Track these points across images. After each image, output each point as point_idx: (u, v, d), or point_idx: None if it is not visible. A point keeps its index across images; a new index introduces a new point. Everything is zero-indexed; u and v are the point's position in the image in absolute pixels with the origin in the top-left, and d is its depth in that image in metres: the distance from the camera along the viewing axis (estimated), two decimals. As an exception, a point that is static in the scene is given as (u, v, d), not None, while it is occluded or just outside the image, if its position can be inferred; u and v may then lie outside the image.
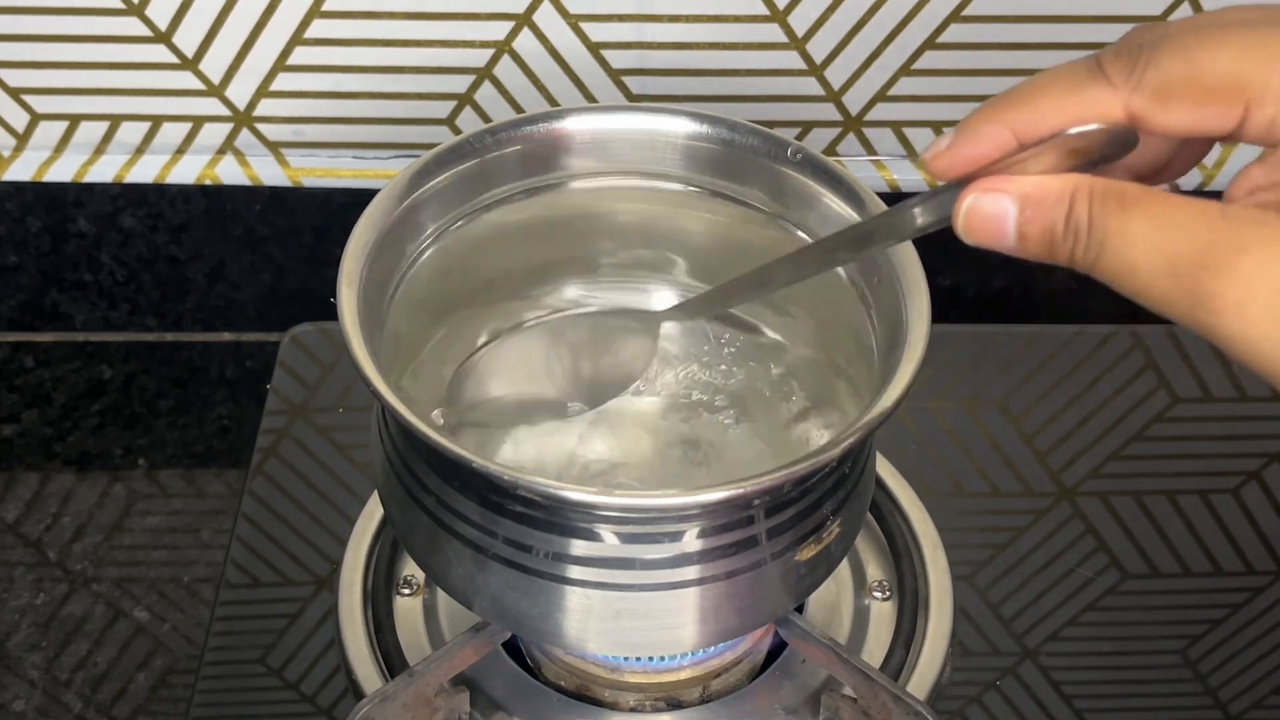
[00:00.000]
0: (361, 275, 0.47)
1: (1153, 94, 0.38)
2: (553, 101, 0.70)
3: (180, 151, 0.71)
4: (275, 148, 0.71)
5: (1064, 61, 0.40)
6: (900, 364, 0.45)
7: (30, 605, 0.61)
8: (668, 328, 0.56)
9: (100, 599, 0.62)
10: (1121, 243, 0.37)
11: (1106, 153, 0.39)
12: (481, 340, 0.57)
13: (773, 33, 0.68)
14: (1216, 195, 0.39)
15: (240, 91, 0.69)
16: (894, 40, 0.68)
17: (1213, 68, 0.38)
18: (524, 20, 0.67)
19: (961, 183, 0.40)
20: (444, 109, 0.70)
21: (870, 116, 0.71)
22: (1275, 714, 0.57)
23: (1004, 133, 0.40)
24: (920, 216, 0.42)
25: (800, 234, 0.52)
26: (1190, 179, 0.69)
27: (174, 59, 0.68)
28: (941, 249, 0.43)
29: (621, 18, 0.67)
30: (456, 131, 0.71)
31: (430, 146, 0.52)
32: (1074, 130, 0.39)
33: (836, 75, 0.69)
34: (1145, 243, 0.37)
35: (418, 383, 0.55)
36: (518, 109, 0.70)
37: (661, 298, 0.58)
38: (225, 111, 0.70)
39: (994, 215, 0.39)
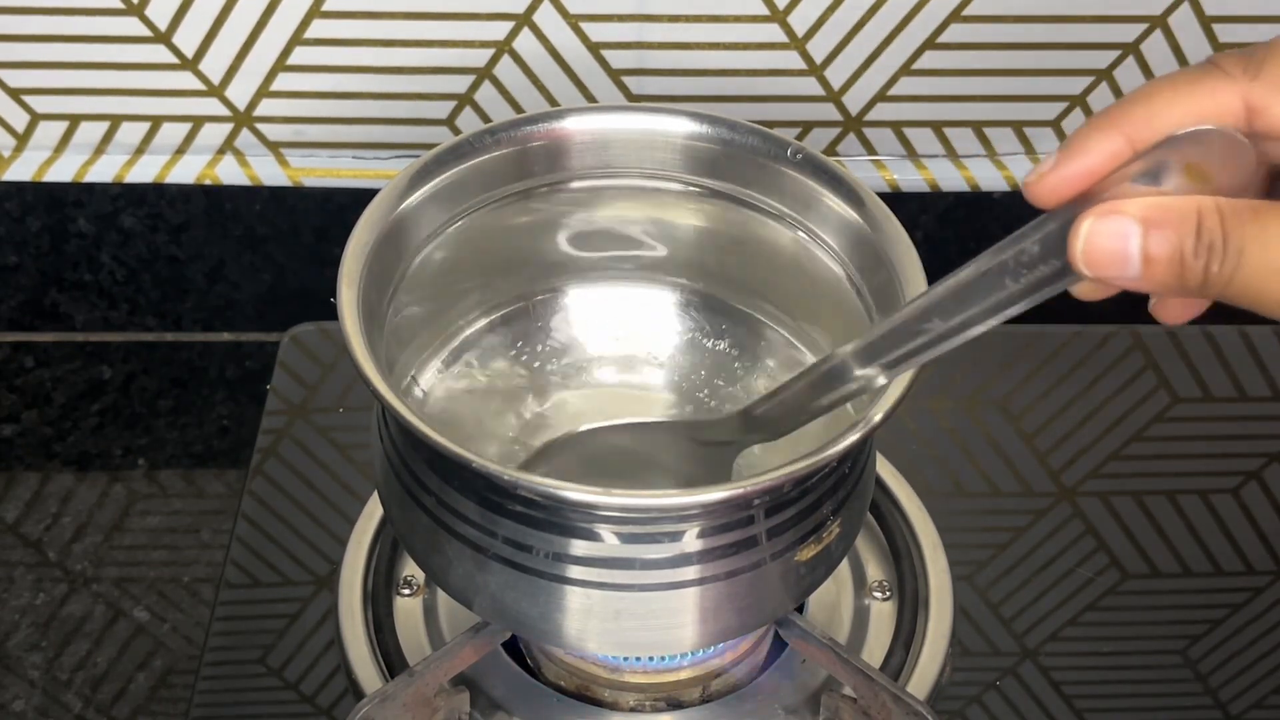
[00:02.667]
0: (361, 275, 0.47)
1: (1272, 84, 0.37)
2: (553, 101, 0.70)
3: (180, 151, 0.71)
4: (275, 148, 0.71)
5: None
6: (900, 364, 0.45)
7: (30, 605, 0.61)
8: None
9: (100, 599, 0.62)
10: (1261, 250, 0.35)
11: (1224, 164, 0.37)
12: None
13: (773, 33, 0.68)
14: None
15: (240, 91, 0.69)
16: (894, 40, 0.68)
17: None
18: (524, 20, 0.67)
19: (1060, 219, 0.37)
20: (444, 109, 0.70)
21: (870, 116, 0.71)
22: (1275, 714, 0.57)
23: (1117, 139, 0.37)
24: (1031, 265, 0.38)
25: (800, 234, 0.52)
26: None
27: (174, 59, 0.68)
28: (942, 249, 0.43)
29: (621, 18, 0.67)
30: (456, 131, 0.71)
31: (430, 146, 0.52)
32: (1187, 130, 0.37)
33: (836, 75, 0.69)
34: None
35: (418, 383, 0.55)
36: (518, 109, 0.70)
37: (661, 297, 0.58)
38: (225, 111, 0.70)
39: (1117, 238, 0.36)
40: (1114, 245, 0.36)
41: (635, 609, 0.46)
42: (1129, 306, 0.41)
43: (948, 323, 0.41)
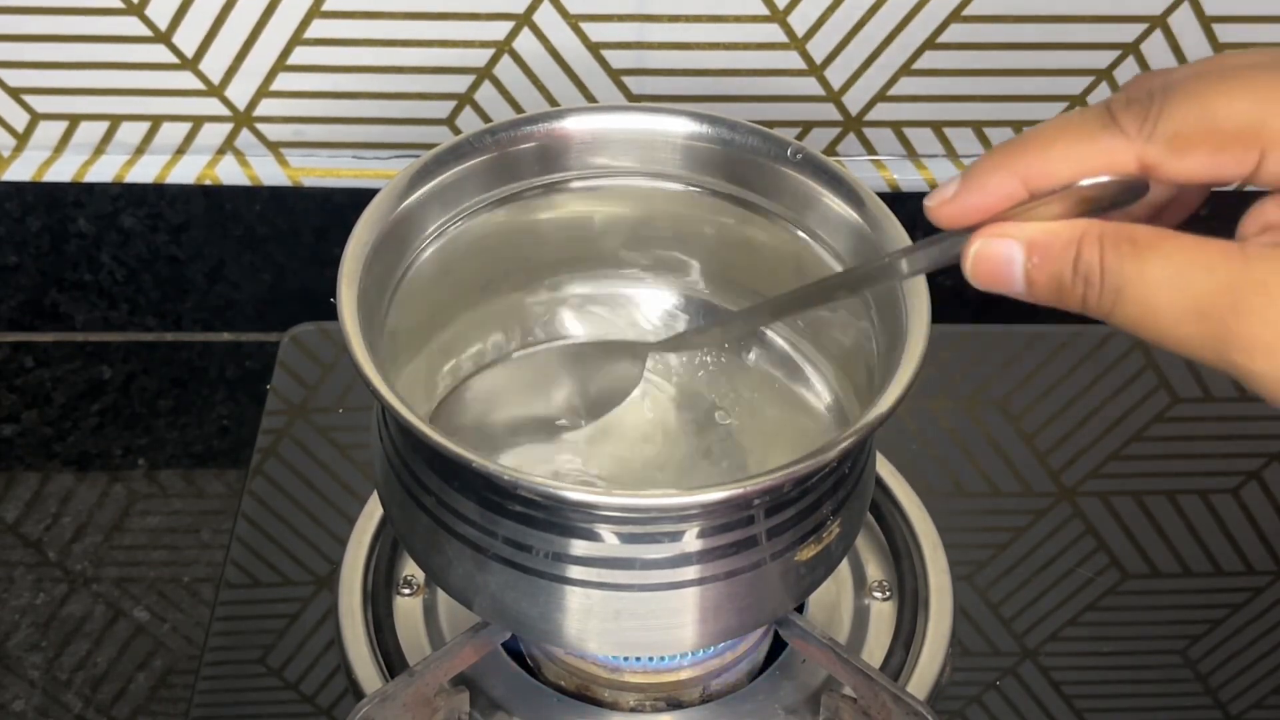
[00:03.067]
0: (361, 275, 0.47)
1: (1167, 144, 0.38)
2: (553, 101, 0.70)
3: (180, 151, 0.71)
4: (275, 148, 0.71)
5: (1070, 112, 0.40)
6: (900, 364, 0.45)
7: (30, 605, 0.61)
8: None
9: (100, 599, 0.62)
10: (1140, 288, 0.37)
11: (1118, 200, 0.39)
12: (476, 346, 0.57)
13: (773, 33, 0.68)
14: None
15: (240, 91, 0.69)
16: (894, 40, 0.68)
17: (1228, 114, 0.37)
18: (524, 20, 0.67)
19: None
20: (444, 109, 0.70)
21: (870, 116, 0.71)
22: (1275, 714, 0.57)
23: (1013, 182, 0.39)
24: (923, 260, 0.42)
25: (800, 234, 0.52)
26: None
27: (174, 59, 0.68)
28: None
29: (621, 18, 0.67)
30: (456, 131, 0.71)
31: (430, 146, 0.52)
32: (1086, 182, 0.38)
33: (836, 75, 0.69)
34: (1167, 287, 0.37)
35: (418, 383, 0.55)
36: (518, 109, 0.70)
37: (660, 297, 0.58)
38: (225, 111, 0.70)
39: (1001, 261, 0.39)
40: (999, 266, 0.39)
41: (635, 609, 0.46)
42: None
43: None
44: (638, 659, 0.53)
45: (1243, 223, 0.39)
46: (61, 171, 0.71)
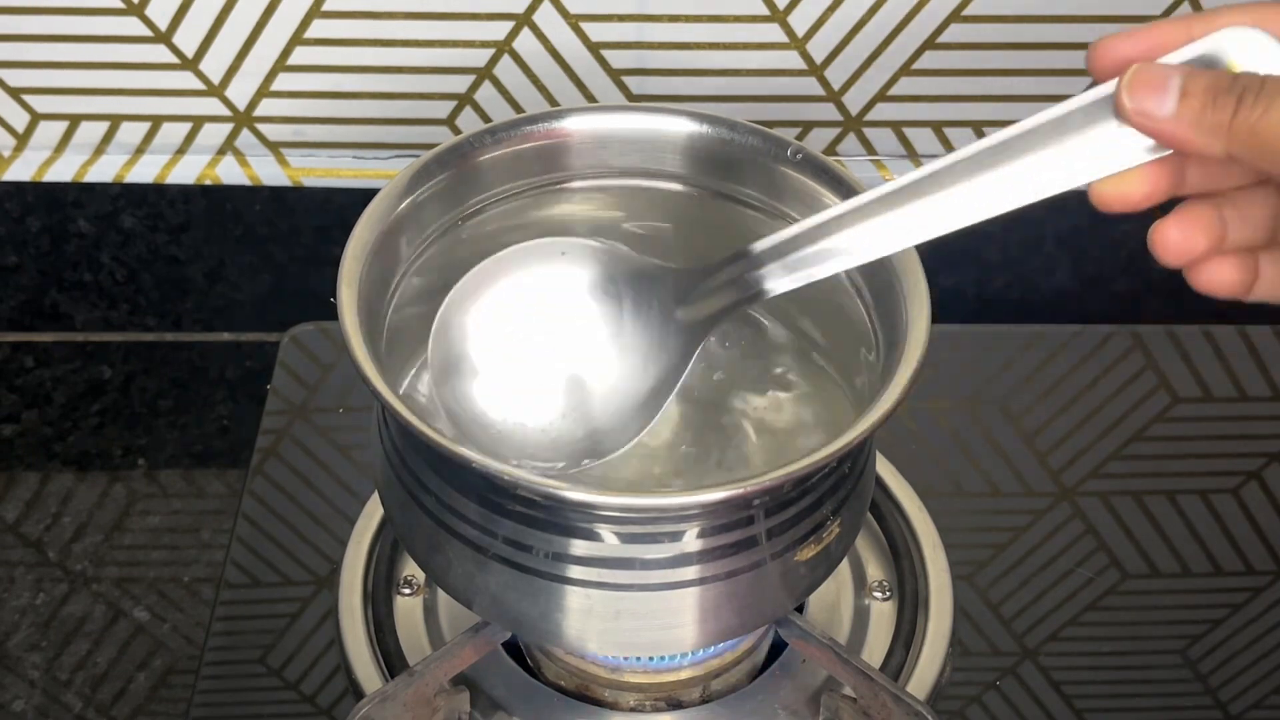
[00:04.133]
0: (361, 275, 0.47)
1: None
2: (553, 101, 0.70)
3: (180, 151, 0.71)
4: (275, 148, 0.71)
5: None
6: (900, 364, 0.45)
7: (30, 605, 0.61)
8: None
9: (100, 599, 0.62)
10: None
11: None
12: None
13: (773, 33, 0.68)
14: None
15: (240, 91, 0.69)
16: (894, 40, 0.68)
17: None
18: (524, 20, 0.67)
19: None
20: (444, 109, 0.70)
21: (870, 116, 0.71)
22: (1275, 714, 0.57)
23: (1181, 32, 0.41)
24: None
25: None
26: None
27: (174, 59, 0.68)
28: (942, 249, 0.43)
29: (621, 18, 0.67)
30: (456, 131, 0.71)
31: (430, 146, 0.52)
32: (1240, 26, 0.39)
33: (836, 75, 0.69)
34: None
35: (418, 383, 0.55)
36: (518, 109, 0.70)
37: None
38: (225, 111, 0.70)
39: (1160, 74, 0.39)
40: (1156, 78, 0.39)
41: (635, 609, 0.46)
42: (1129, 306, 0.41)
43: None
44: (638, 659, 0.53)
45: None
46: (61, 171, 0.71)
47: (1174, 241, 0.41)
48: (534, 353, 0.51)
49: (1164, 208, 0.41)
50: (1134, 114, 0.40)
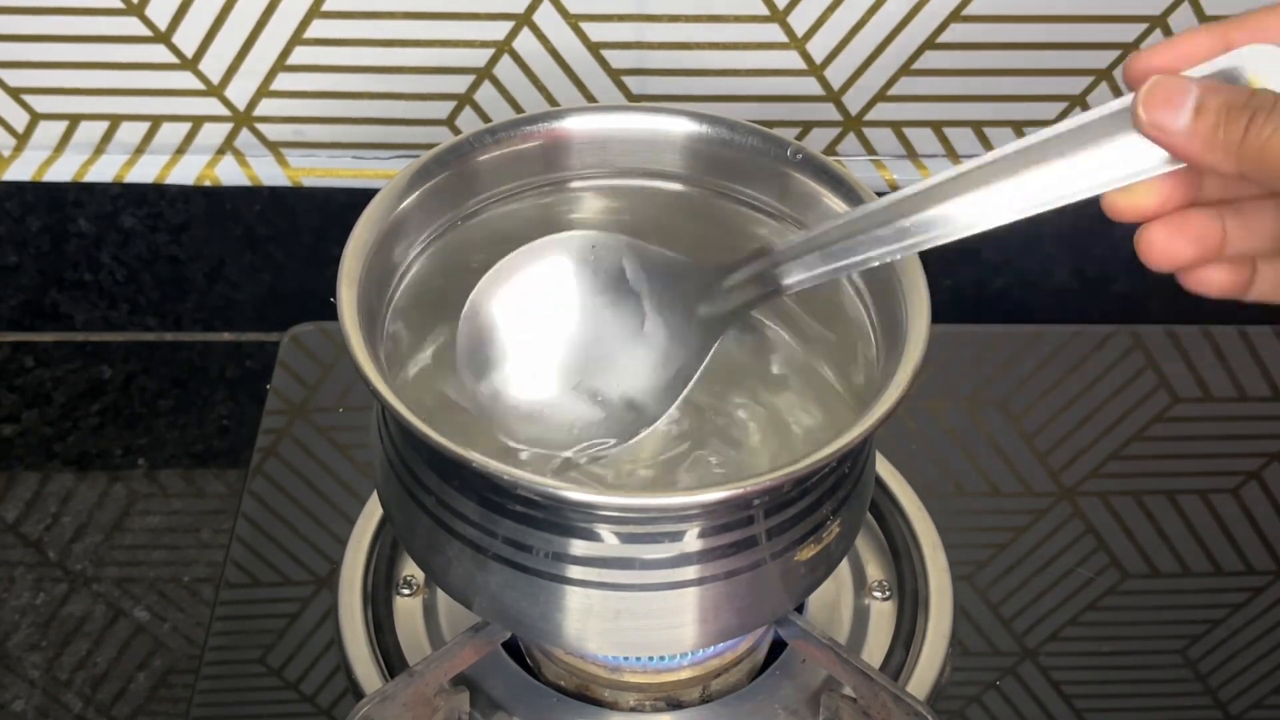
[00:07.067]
0: (361, 275, 0.47)
1: None
2: (553, 101, 0.70)
3: (180, 151, 0.71)
4: (275, 148, 0.71)
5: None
6: (900, 364, 0.45)
7: (30, 605, 0.61)
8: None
9: (100, 599, 0.62)
10: None
11: None
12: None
13: (773, 33, 0.68)
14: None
15: (240, 91, 0.69)
16: (894, 40, 0.68)
17: None
18: (524, 20, 0.67)
19: None
20: (444, 109, 0.70)
21: (870, 116, 0.71)
22: (1275, 714, 0.57)
23: (1216, 42, 0.40)
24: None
25: (800, 234, 0.52)
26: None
27: (174, 59, 0.68)
28: (941, 249, 0.43)
29: (621, 18, 0.67)
30: (456, 131, 0.71)
31: (430, 146, 0.52)
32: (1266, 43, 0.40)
33: (836, 75, 0.69)
34: None
35: (418, 383, 0.55)
36: (518, 109, 0.70)
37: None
38: (225, 111, 0.70)
39: (1176, 88, 0.39)
40: (1173, 91, 0.39)
41: (635, 609, 0.46)
42: (1129, 306, 0.41)
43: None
44: (638, 659, 0.53)
45: None
46: (61, 171, 0.71)
47: (1159, 248, 0.42)
48: (559, 339, 0.52)
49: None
50: (1148, 126, 0.40)
